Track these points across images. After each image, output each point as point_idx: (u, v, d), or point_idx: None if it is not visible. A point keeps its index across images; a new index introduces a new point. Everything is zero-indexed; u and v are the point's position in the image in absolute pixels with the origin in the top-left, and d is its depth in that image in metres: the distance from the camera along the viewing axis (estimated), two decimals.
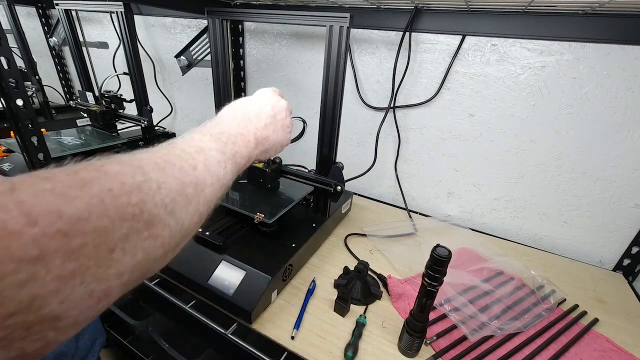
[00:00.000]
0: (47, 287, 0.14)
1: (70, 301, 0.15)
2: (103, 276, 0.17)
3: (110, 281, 0.17)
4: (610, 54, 0.64)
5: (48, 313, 0.14)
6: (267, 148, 0.38)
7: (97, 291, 0.16)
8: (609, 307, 0.63)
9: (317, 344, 0.50)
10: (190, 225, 0.23)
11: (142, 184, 0.19)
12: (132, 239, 0.18)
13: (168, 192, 0.21)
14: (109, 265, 0.17)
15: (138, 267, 0.19)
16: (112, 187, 0.17)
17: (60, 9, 0.80)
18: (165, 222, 0.20)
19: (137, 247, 0.18)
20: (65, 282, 0.15)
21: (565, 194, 0.78)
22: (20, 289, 0.13)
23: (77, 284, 0.15)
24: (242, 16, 0.68)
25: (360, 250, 0.73)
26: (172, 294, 0.57)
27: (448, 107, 0.83)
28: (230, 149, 0.31)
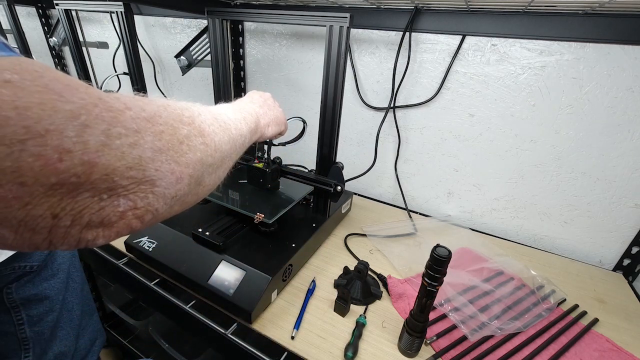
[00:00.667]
0: (146, 153, 0.19)
1: (161, 171, 0.20)
2: (179, 160, 0.22)
3: (183, 167, 0.22)
4: (610, 54, 0.65)
5: (148, 175, 0.20)
6: (268, 122, 0.46)
7: (176, 171, 0.22)
8: (609, 307, 0.63)
9: (317, 344, 0.50)
10: (226, 150, 0.29)
11: (190, 107, 0.26)
12: (192, 140, 0.24)
13: (206, 118, 0.27)
14: (182, 153, 0.22)
15: (198, 166, 0.24)
16: (169, 104, 0.24)
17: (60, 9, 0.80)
18: (210, 136, 0.26)
19: (196, 147, 0.24)
20: (157, 154, 0.20)
21: (565, 194, 0.78)
22: (131, 149, 0.19)
23: (164, 159, 0.21)
24: (242, 16, 0.68)
25: (360, 250, 0.73)
26: (172, 294, 0.57)
27: (448, 107, 0.83)
28: (241, 114, 0.37)
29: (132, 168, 0.18)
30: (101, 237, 0.19)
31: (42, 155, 0.15)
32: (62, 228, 0.17)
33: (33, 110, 0.14)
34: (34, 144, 0.14)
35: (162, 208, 0.22)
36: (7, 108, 0.14)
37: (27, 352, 0.55)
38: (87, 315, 0.67)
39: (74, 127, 0.16)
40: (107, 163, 0.17)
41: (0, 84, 0.14)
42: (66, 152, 0.15)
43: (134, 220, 0.20)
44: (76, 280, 0.63)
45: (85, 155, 0.16)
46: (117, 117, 0.18)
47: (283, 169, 0.71)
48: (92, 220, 0.18)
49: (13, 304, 0.52)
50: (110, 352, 0.96)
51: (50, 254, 0.55)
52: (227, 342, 0.50)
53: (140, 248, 0.61)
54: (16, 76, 0.14)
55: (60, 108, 0.15)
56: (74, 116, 0.16)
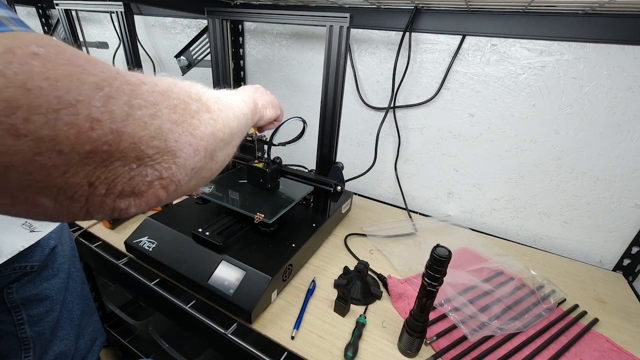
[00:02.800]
0: (165, 125, 0.20)
1: (180, 143, 0.22)
2: (194, 133, 0.23)
3: (198, 140, 0.23)
4: (610, 54, 0.64)
5: (170, 146, 0.21)
6: (265, 104, 0.47)
7: (193, 143, 0.23)
8: (609, 307, 0.63)
9: (317, 344, 0.50)
10: (233, 127, 0.30)
11: (194, 85, 0.27)
12: (202, 115, 0.25)
13: (210, 96, 0.28)
14: (196, 126, 0.23)
15: (212, 140, 0.25)
16: (176, 81, 0.25)
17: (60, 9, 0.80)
18: (217, 112, 0.27)
19: (207, 122, 0.25)
20: (174, 126, 0.21)
21: (565, 194, 0.78)
22: (152, 120, 0.19)
23: (181, 131, 0.22)
24: (242, 16, 0.68)
25: (360, 250, 0.73)
26: (172, 294, 0.57)
27: (448, 107, 0.83)
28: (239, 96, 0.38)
29: (155, 138, 0.20)
30: (133, 207, 0.20)
31: (76, 123, 0.16)
32: (98, 196, 0.18)
33: (62, 81, 0.15)
34: (67, 114, 0.15)
35: (184, 179, 0.23)
36: (39, 79, 0.14)
37: (28, 352, 0.55)
38: (87, 315, 0.67)
39: (100, 98, 0.17)
40: (133, 132, 0.18)
41: (30, 56, 0.15)
42: (96, 121, 0.16)
43: (160, 190, 0.21)
44: (76, 280, 0.63)
45: (113, 124, 0.17)
46: (135, 90, 0.19)
47: (283, 169, 0.71)
48: (125, 189, 0.19)
49: (13, 304, 0.52)
50: (110, 352, 0.96)
51: (51, 255, 0.55)
52: (227, 342, 0.50)
53: (140, 248, 0.61)
54: (42, 49, 0.15)
55: (86, 80, 0.16)
56: (98, 87, 0.17)
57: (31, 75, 0.14)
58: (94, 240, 0.70)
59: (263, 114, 0.47)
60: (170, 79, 0.24)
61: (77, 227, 0.72)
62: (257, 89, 0.50)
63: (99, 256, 0.65)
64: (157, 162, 0.20)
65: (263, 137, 0.70)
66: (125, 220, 0.75)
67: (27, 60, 0.14)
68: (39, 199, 0.16)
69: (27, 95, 0.14)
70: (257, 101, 0.45)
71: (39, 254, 0.53)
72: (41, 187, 0.16)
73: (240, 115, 0.33)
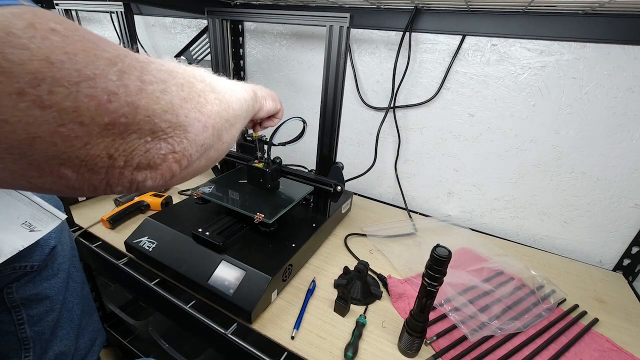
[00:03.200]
0: (175, 100, 0.21)
1: (190, 118, 0.22)
2: (202, 110, 0.24)
3: (206, 117, 0.24)
4: (610, 54, 0.64)
5: (180, 121, 0.22)
6: (265, 95, 0.48)
7: (202, 120, 0.24)
8: (609, 307, 0.63)
9: (317, 344, 0.50)
10: (236, 109, 0.31)
11: (198, 68, 0.27)
12: (207, 94, 0.25)
13: (213, 79, 0.28)
14: (203, 104, 0.24)
15: (218, 118, 0.26)
16: (181, 65, 0.25)
17: (60, 9, 0.80)
18: (221, 93, 0.28)
19: (212, 101, 0.26)
20: (183, 102, 0.22)
21: (565, 194, 0.78)
22: (163, 94, 0.20)
23: (190, 107, 0.23)
24: (242, 16, 0.68)
25: (360, 250, 0.73)
26: (172, 294, 0.57)
27: (448, 107, 0.83)
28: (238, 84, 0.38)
29: (167, 112, 0.21)
30: (149, 179, 0.21)
31: (95, 96, 0.16)
32: (117, 169, 0.19)
33: (79, 56, 0.16)
34: (86, 86, 0.16)
35: (195, 155, 0.24)
36: (59, 53, 0.15)
37: (28, 352, 0.55)
38: (87, 315, 0.67)
39: (114, 72, 0.17)
40: (147, 105, 0.19)
41: (49, 31, 0.15)
42: (113, 93, 0.17)
43: (174, 164, 0.22)
44: (76, 280, 0.63)
45: (129, 97, 0.18)
46: (144, 67, 0.20)
47: (283, 169, 0.71)
48: (141, 162, 0.20)
49: (13, 304, 0.52)
50: (110, 352, 0.96)
51: (51, 254, 0.55)
52: (227, 342, 0.50)
53: (140, 248, 0.61)
54: (60, 26, 0.16)
55: (100, 55, 0.17)
56: (112, 63, 0.17)
57: (52, 49, 0.15)
58: (94, 240, 0.70)
59: (263, 104, 0.48)
60: (175, 62, 0.25)
61: (77, 227, 0.72)
62: (261, 86, 0.51)
63: (99, 256, 0.65)
64: (170, 136, 0.21)
65: (263, 137, 0.70)
66: (125, 220, 0.75)
67: (47, 35, 0.15)
68: (63, 171, 0.17)
69: (50, 68, 0.15)
70: (256, 91, 0.45)
71: (39, 254, 0.53)
72: (65, 159, 0.17)
73: (242, 100, 0.34)
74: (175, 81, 0.22)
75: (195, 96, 0.24)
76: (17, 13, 0.15)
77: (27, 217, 0.52)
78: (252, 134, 0.68)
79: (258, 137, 0.69)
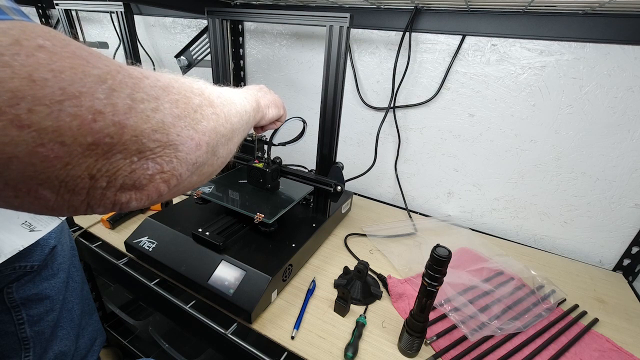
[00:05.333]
0: (167, 118, 0.21)
1: (182, 137, 0.22)
2: (196, 128, 0.23)
3: (200, 135, 0.24)
4: (610, 54, 0.64)
5: (172, 140, 0.21)
6: (268, 103, 0.48)
7: (195, 138, 0.23)
8: (609, 307, 0.63)
9: (317, 344, 0.50)
10: (235, 122, 0.30)
11: (197, 81, 0.27)
12: (204, 109, 0.25)
13: (213, 91, 0.28)
14: (198, 120, 0.24)
15: (213, 134, 0.25)
16: (178, 77, 0.25)
17: (60, 9, 0.80)
18: (220, 107, 0.27)
19: (209, 116, 0.25)
20: (176, 120, 0.21)
21: (565, 194, 0.78)
22: (154, 113, 0.20)
23: (183, 125, 0.22)
24: (242, 16, 0.68)
25: (360, 250, 0.73)
26: (172, 294, 0.57)
27: (448, 107, 0.83)
28: (241, 94, 0.38)
29: (157, 131, 0.20)
30: (134, 200, 0.20)
31: (79, 115, 0.16)
32: (99, 189, 0.18)
33: (66, 73, 0.15)
34: (70, 105, 0.15)
35: (185, 174, 0.23)
36: (44, 70, 0.15)
37: (28, 352, 0.55)
38: (87, 315, 0.67)
39: (103, 90, 0.17)
40: (135, 125, 0.18)
41: (35, 48, 0.15)
42: (99, 112, 0.17)
43: (161, 184, 0.21)
44: (76, 280, 0.63)
45: (116, 116, 0.17)
46: (137, 83, 0.19)
47: (283, 169, 0.71)
48: (125, 182, 0.19)
49: (13, 304, 0.52)
50: (110, 352, 0.96)
51: (51, 254, 0.55)
52: (227, 342, 0.50)
53: (140, 248, 0.61)
54: (48, 42, 0.15)
55: (89, 72, 0.16)
56: (101, 80, 0.17)
57: (37, 67, 0.14)
58: (94, 240, 0.70)
59: (265, 113, 0.47)
60: (172, 75, 0.24)
61: (77, 227, 0.72)
62: (261, 89, 0.50)
63: (99, 256, 0.65)
64: (159, 156, 0.20)
65: (263, 137, 0.70)
66: (126, 220, 0.75)
67: (33, 52, 0.15)
68: (41, 192, 0.16)
69: (31, 87, 0.14)
70: (259, 100, 0.45)
71: (38, 254, 0.53)
72: (43, 179, 0.16)
73: (242, 112, 0.33)
74: (169, 97, 0.21)
75: (191, 112, 0.23)
76: (3, 29, 0.14)
77: (27, 217, 0.52)
78: (253, 134, 0.68)
79: (258, 137, 0.69)
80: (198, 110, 0.24)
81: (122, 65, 0.19)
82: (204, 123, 0.24)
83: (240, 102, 0.34)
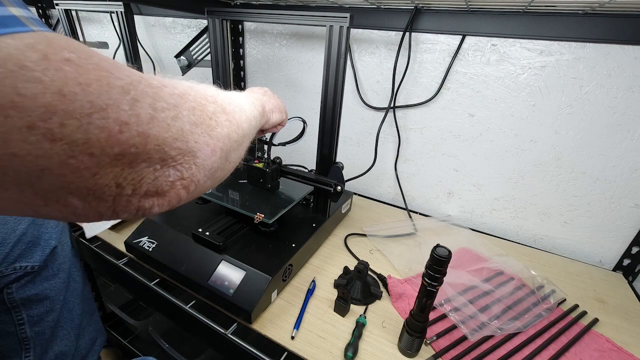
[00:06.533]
0: (186, 126, 0.21)
1: (199, 144, 0.22)
2: (211, 134, 0.24)
3: (215, 141, 0.24)
4: (610, 54, 0.64)
5: (190, 147, 0.21)
6: (272, 108, 0.48)
7: (210, 144, 0.24)
8: (609, 307, 0.63)
9: (317, 344, 0.50)
10: (245, 128, 0.31)
11: (210, 88, 0.28)
12: (218, 116, 0.25)
13: (225, 98, 0.29)
14: (213, 127, 0.24)
15: (227, 140, 0.26)
16: (192, 85, 0.25)
17: (60, 9, 0.80)
18: (232, 114, 0.28)
19: (223, 123, 0.26)
20: (194, 128, 0.22)
21: (565, 194, 0.78)
22: (174, 121, 0.20)
23: (200, 132, 0.22)
24: (242, 16, 0.68)
25: (360, 250, 0.73)
26: (172, 294, 0.57)
27: (448, 107, 0.83)
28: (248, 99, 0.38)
29: (177, 139, 0.20)
30: (156, 206, 0.21)
31: (106, 127, 0.16)
32: (124, 197, 0.19)
33: (93, 86, 0.16)
34: (98, 117, 0.16)
35: (202, 180, 0.24)
36: (72, 84, 0.15)
37: (28, 352, 0.55)
38: (87, 315, 0.67)
39: (127, 101, 0.17)
40: (157, 134, 0.19)
41: (63, 62, 0.15)
42: (124, 124, 0.17)
43: (182, 190, 0.22)
44: (77, 280, 0.63)
45: (140, 127, 0.18)
46: (157, 92, 0.20)
47: (283, 169, 0.71)
48: (149, 189, 0.20)
49: (14, 304, 0.52)
50: (110, 352, 0.96)
51: (51, 255, 0.55)
52: (227, 342, 0.50)
53: (140, 248, 0.61)
54: (74, 55, 0.16)
55: (114, 84, 0.17)
56: (125, 91, 0.17)
57: (66, 81, 0.15)
58: (94, 240, 0.70)
59: (269, 118, 0.48)
60: (187, 82, 0.25)
61: (77, 227, 0.72)
62: (265, 92, 0.51)
63: (99, 256, 0.65)
64: (179, 163, 0.21)
65: (263, 137, 0.70)
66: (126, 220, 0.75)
67: (61, 66, 0.15)
68: (70, 200, 0.17)
69: (62, 101, 0.15)
70: (265, 105, 0.45)
71: (39, 254, 0.53)
72: (72, 189, 0.17)
73: (251, 117, 0.34)
74: (187, 105, 0.22)
75: (206, 119, 0.24)
76: (31, 44, 0.14)
77: None
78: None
79: (258, 137, 0.69)
80: (213, 117, 0.24)
81: (142, 74, 0.19)
82: (218, 130, 0.25)
83: (249, 108, 0.34)
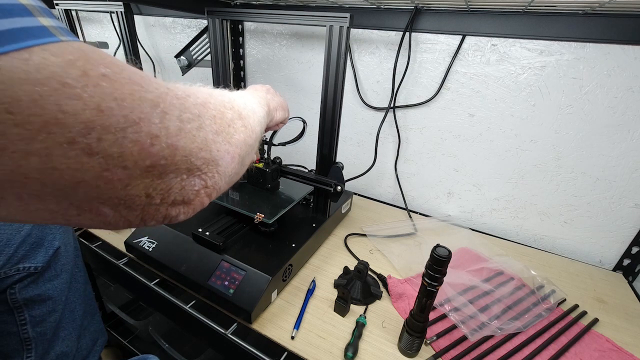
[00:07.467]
0: (209, 135, 0.22)
1: (221, 152, 0.23)
2: (231, 141, 0.24)
3: (234, 147, 0.25)
4: (610, 54, 0.64)
5: (213, 156, 0.22)
6: (276, 106, 0.49)
7: (230, 151, 0.24)
8: (609, 307, 0.63)
9: (317, 344, 0.50)
10: (258, 131, 0.31)
11: (226, 94, 0.28)
12: (236, 122, 0.26)
13: (240, 103, 0.29)
14: (232, 134, 0.25)
15: (244, 146, 0.26)
16: (212, 92, 0.25)
17: (60, 9, 0.80)
18: (247, 119, 0.28)
19: (240, 129, 0.26)
20: (215, 136, 0.22)
21: (565, 194, 0.78)
22: (199, 132, 0.21)
23: (221, 140, 0.23)
24: (242, 16, 0.68)
25: (360, 250, 0.73)
26: (172, 294, 0.57)
27: (448, 107, 0.83)
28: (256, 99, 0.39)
29: (202, 149, 0.21)
30: (182, 214, 0.22)
31: (139, 140, 0.17)
32: (153, 206, 0.20)
33: (127, 101, 0.16)
34: (132, 131, 0.16)
35: (223, 187, 0.24)
36: (109, 100, 0.15)
37: (29, 352, 0.55)
38: (89, 316, 0.67)
39: (157, 115, 0.18)
40: (185, 145, 0.19)
41: (100, 77, 0.15)
42: (155, 137, 0.17)
43: (205, 198, 0.23)
44: (79, 281, 0.63)
45: (169, 139, 0.18)
46: (183, 103, 0.20)
47: (283, 169, 0.71)
48: (176, 198, 0.21)
49: (16, 305, 0.52)
50: (110, 352, 0.96)
51: (54, 256, 0.55)
52: (227, 342, 0.50)
53: (140, 248, 0.61)
54: (109, 70, 0.16)
55: (145, 97, 0.17)
56: (155, 104, 0.18)
57: (103, 97, 0.15)
58: (94, 240, 0.70)
59: (274, 116, 0.48)
60: (206, 89, 0.25)
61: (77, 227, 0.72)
62: (268, 90, 0.51)
63: (99, 256, 0.65)
64: (204, 172, 0.22)
65: (263, 137, 0.70)
66: None
67: (98, 82, 0.15)
68: (101, 209, 0.18)
69: (100, 116, 0.15)
70: (269, 103, 0.45)
71: (42, 255, 0.53)
72: (105, 199, 0.17)
73: (262, 119, 0.35)
74: (208, 114, 0.22)
75: (226, 127, 0.24)
76: (71, 61, 0.14)
77: None
78: None
79: None
80: (231, 125, 0.25)
81: (168, 85, 0.20)
82: (236, 136, 0.25)
83: (259, 110, 0.35)
